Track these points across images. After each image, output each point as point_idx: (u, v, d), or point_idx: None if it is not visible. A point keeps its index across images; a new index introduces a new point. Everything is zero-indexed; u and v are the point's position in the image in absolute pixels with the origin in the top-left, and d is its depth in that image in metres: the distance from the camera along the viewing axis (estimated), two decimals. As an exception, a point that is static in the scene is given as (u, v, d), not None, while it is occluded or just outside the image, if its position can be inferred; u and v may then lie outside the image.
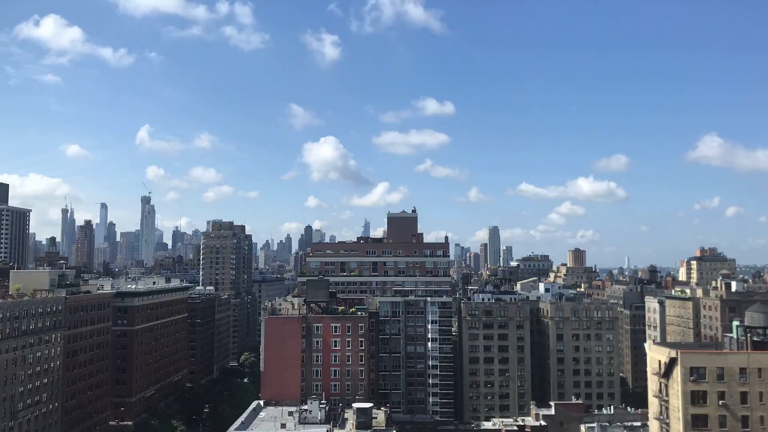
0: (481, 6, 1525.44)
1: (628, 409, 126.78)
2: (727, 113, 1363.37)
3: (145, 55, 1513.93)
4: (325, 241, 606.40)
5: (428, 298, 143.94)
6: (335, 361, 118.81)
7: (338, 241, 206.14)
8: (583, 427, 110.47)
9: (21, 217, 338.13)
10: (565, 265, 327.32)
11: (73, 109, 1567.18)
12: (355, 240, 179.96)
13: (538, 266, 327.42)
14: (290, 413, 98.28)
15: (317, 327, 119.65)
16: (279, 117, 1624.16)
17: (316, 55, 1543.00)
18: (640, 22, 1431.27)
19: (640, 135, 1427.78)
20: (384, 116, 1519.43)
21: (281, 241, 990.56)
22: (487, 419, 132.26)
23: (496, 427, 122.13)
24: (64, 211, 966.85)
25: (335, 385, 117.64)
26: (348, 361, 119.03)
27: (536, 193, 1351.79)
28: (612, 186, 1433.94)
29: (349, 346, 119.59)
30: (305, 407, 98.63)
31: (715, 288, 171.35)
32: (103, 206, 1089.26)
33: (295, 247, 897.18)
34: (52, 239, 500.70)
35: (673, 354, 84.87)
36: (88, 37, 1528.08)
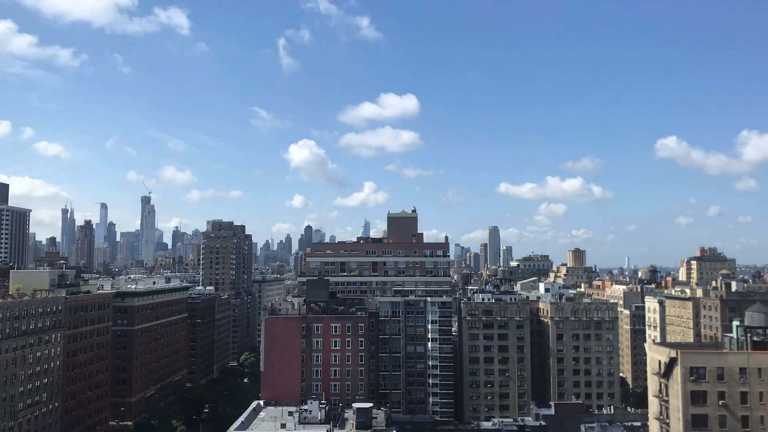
0: (425, 10, 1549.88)
1: (628, 409, 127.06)
2: (688, 117, 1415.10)
3: (105, 60, 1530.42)
4: (325, 241, 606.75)
5: (428, 298, 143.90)
6: (335, 361, 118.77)
7: (338, 241, 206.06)
8: (583, 427, 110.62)
9: (21, 217, 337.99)
10: (564, 265, 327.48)
11: (43, 111, 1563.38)
12: (355, 240, 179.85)
13: (538, 266, 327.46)
14: (290, 413, 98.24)
15: (317, 327, 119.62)
16: (245, 120, 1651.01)
17: (270, 60, 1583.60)
18: (606, 18, 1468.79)
19: (609, 138, 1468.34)
20: (349, 118, 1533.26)
21: (281, 241, 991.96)
22: (487, 419, 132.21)
23: (496, 427, 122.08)
24: (64, 211, 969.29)
25: (335, 385, 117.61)
26: (348, 361, 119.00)
27: (516, 194, 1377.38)
28: (591, 186, 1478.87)
29: (349, 346, 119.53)
30: (305, 407, 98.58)
31: (715, 288, 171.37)
32: (103, 206, 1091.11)
33: (295, 247, 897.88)
34: (52, 239, 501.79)
35: (673, 354, 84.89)
36: (39, 42, 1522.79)
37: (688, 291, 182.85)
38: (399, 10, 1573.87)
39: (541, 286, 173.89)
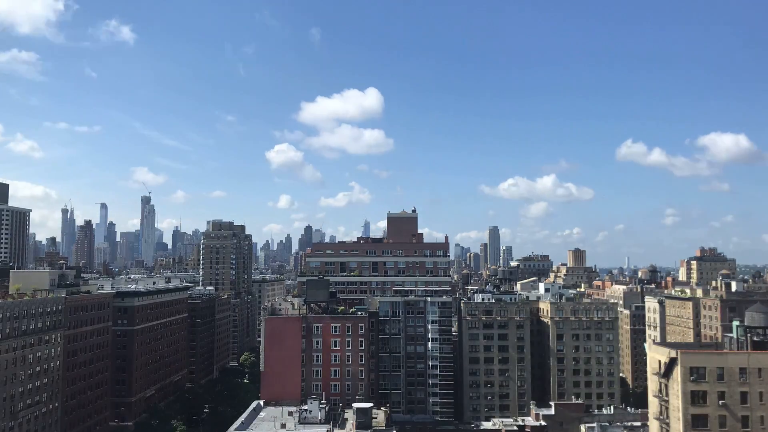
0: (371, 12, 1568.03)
1: (628, 409, 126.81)
2: (654, 123, 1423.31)
3: (72, 65, 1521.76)
4: (325, 241, 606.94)
5: (428, 298, 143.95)
6: (335, 361, 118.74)
7: (338, 241, 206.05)
8: (583, 427, 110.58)
9: (21, 217, 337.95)
10: (564, 265, 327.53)
11: (18, 109, 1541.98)
12: (355, 240, 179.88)
13: (538, 266, 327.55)
14: (290, 413, 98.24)
15: (317, 327, 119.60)
16: (211, 124, 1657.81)
17: (225, 67, 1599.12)
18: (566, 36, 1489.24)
19: (582, 140, 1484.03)
20: (317, 120, 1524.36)
21: (281, 241, 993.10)
22: (487, 419, 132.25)
23: (496, 427, 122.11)
24: (64, 211, 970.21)
25: (335, 385, 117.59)
26: (348, 361, 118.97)
27: (496, 195, 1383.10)
28: (571, 186, 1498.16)
29: (349, 346, 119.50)
30: (305, 407, 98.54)
31: (715, 288, 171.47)
32: (103, 206, 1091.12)
33: (295, 247, 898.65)
34: (52, 239, 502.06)
35: (673, 354, 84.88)
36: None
37: (688, 291, 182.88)
38: (351, 19, 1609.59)
39: (541, 286, 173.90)
